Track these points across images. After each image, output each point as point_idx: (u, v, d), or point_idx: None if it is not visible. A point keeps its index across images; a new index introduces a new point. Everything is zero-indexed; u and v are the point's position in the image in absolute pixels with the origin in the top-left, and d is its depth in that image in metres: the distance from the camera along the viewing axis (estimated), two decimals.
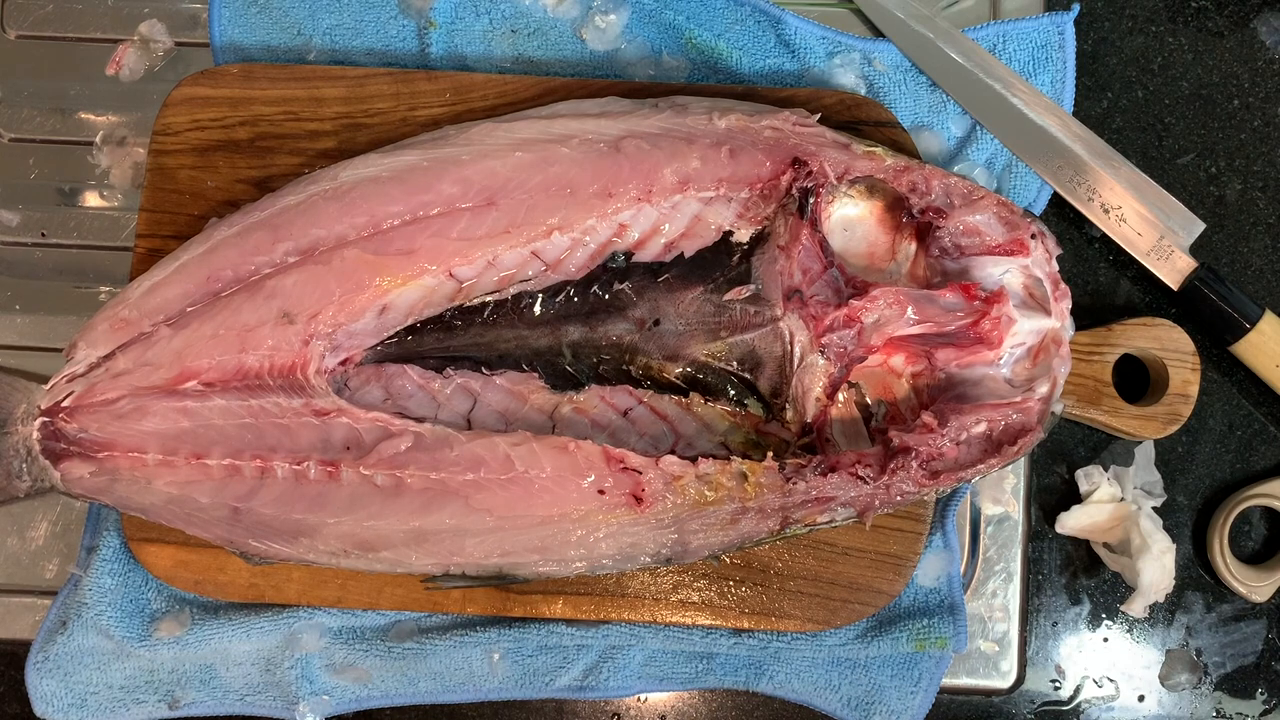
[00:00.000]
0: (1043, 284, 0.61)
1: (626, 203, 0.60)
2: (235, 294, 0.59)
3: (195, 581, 0.63)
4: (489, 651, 0.65)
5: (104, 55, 0.72)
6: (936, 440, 0.58)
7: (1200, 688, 0.68)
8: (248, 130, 0.66)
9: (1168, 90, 0.72)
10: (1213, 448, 0.69)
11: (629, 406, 0.61)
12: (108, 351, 0.59)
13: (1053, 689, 0.68)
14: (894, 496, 0.59)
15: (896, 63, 0.70)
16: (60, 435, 0.59)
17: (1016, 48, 0.69)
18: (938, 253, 0.62)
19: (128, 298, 0.60)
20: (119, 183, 0.71)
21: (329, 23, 0.70)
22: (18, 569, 0.68)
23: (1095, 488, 0.67)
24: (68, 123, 0.72)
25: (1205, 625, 0.68)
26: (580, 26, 0.70)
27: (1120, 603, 0.67)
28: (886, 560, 0.63)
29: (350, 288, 0.59)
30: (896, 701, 0.65)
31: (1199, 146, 0.72)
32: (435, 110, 0.66)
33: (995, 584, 0.68)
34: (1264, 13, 0.73)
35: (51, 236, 0.71)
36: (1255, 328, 0.66)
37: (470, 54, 0.70)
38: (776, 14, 0.69)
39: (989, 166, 0.69)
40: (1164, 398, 0.66)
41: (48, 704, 0.64)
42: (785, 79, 0.70)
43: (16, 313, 0.70)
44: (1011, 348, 0.61)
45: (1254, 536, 0.69)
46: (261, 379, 0.59)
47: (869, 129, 0.65)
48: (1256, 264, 0.71)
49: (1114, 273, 0.70)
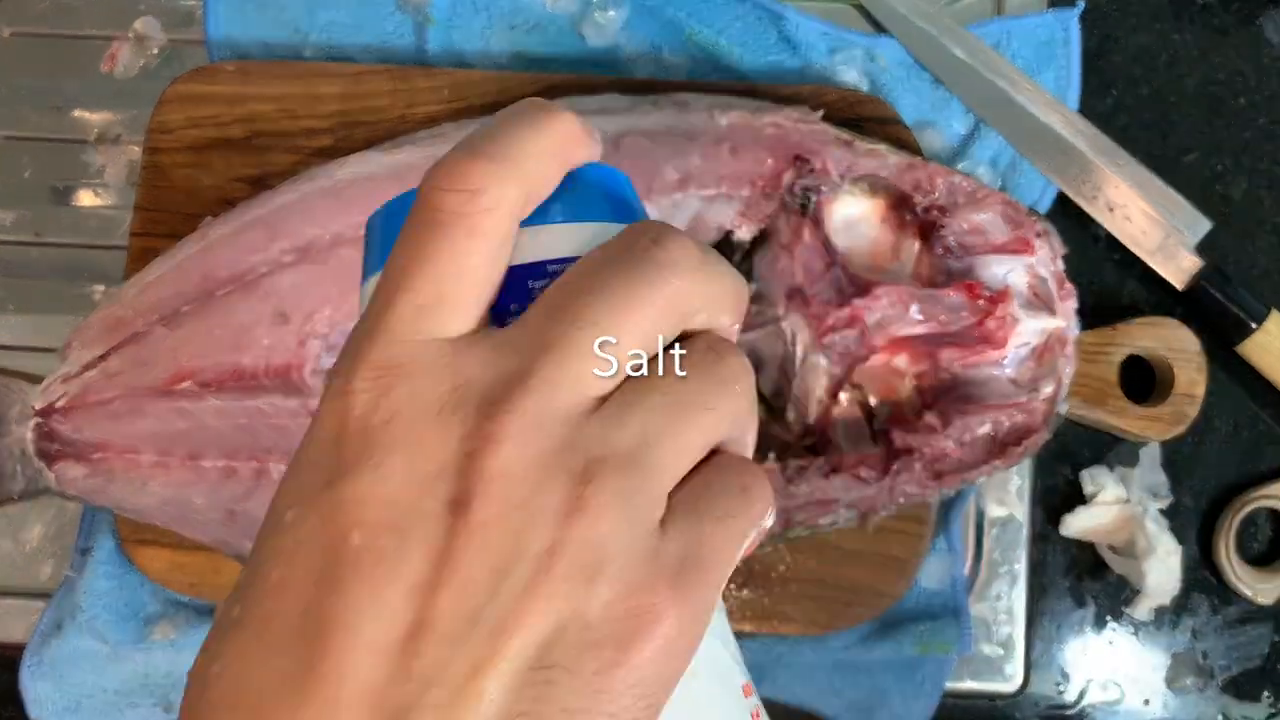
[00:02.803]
0: (1048, 283, 0.60)
1: None
2: (231, 293, 0.59)
3: (191, 584, 0.63)
4: None
5: (98, 52, 0.71)
6: (940, 441, 0.58)
7: (1206, 691, 0.67)
8: (243, 128, 0.65)
9: (1173, 88, 0.72)
10: (1219, 449, 0.69)
11: None
12: (102, 351, 0.59)
13: (1058, 692, 0.67)
14: (897, 498, 0.58)
15: (899, 59, 0.69)
16: (55, 436, 0.58)
17: (1021, 44, 0.69)
18: (942, 251, 0.61)
19: (122, 297, 0.60)
20: (114, 181, 0.70)
21: (325, 19, 0.69)
22: (12, 571, 0.68)
23: (1100, 489, 0.66)
24: (62, 121, 0.71)
25: (1211, 628, 0.68)
26: (579, 23, 0.69)
27: (1125, 605, 0.67)
28: (889, 563, 0.62)
29: (347, 287, 0.59)
30: (900, 705, 0.64)
31: (1205, 144, 0.71)
32: (433, 107, 0.65)
33: (999, 587, 0.67)
34: (1271, 10, 0.72)
35: (45, 235, 0.70)
36: (1262, 327, 0.65)
37: (468, 50, 0.70)
38: (778, 10, 0.68)
39: (993, 164, 0.68)
40: (1170, 398, 0.65)
41: (42, 707, 0.63)
42: (787, 76, 0.69)
43: (10, 312, 0.70)
44: (1016, 348, 0.60)
45: (1260, 539, 0.69)
46: (257, 379, 0.59)
47: (872, 126, 0.65)
48: (1263, 263, 0.70)
49: (1119, 272, 0.70)
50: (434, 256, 0.25)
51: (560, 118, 0.28)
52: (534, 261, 0.27)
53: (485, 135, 0.28)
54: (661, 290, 0.26)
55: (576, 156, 0.29)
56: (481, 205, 0.26)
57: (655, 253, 0.26)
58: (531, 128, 0.28)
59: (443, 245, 0.25)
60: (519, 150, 0.27)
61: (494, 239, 0.26)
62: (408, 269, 0.26)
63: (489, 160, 0.26)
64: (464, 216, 0.26)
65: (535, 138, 0.28)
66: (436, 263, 0.25)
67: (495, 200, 0.26)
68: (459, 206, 0.26)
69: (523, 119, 0.28)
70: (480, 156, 0.26)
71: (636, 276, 0.25)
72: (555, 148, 0.28)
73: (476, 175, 0.26)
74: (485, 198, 0.26)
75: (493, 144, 0.27)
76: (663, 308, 0.26)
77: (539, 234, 0.28)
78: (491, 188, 0.26)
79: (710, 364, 0.26)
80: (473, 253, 0.26)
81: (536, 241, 0.28)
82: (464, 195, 0.26)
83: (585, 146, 0.29)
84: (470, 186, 0.26)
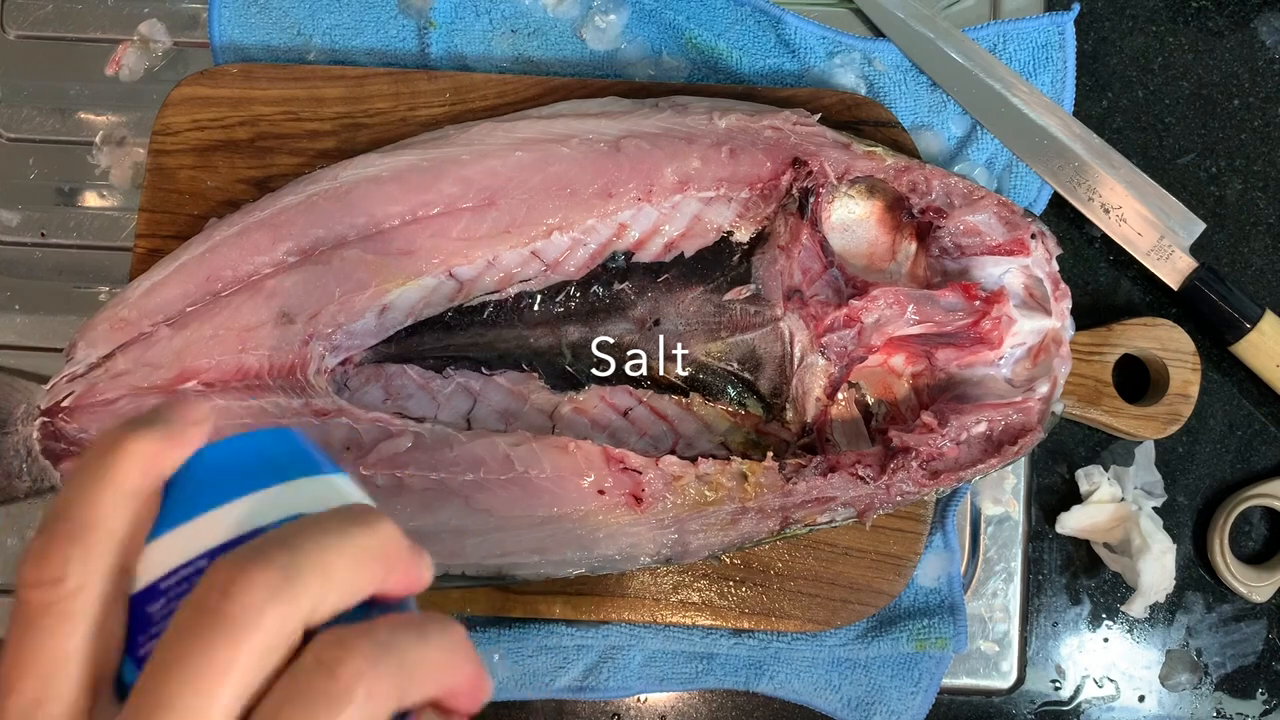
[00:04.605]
0: (1043, 284, 0.61)
1: (627, 203, 0.60)
2: (235, 294, 0.59)
3: None
4: (489, 652, 0.65)
5: (104, 55, 0.72)
6: (937, 440, 0.58)
7: (1200, 688, 0.68)
8: (248, 130, 0.66)
9: (1168, 90, 0.72)
10: (1213, 448, 0.69)
11: (629, 406, 0.61)
12: (107, 352, 0.59)
13: (1053, 689, 0.68)
14: (894, 496, 0.59)
15: (897, 63, 0.70)
16: (60, 435, 0.59)
17: (1017, 48, 0.69)
18: (938, 252, 0.62)
19: (127, 298, 0.60)
20: (119, 183, 0.71)
21: (329, 22, 0.70)
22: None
23: (1095, 488, 0.67)
24: (67, 123, 0.72)
25: (1205, 625, 0.68)
26: (580, 26, 0.70)
27: (1121, 603, 0.67)
28: (887, 560, 0.63)
29: (350, 288, 0.59)
30: (897, 702, 0.65)
31: (1199, 146, 0.72)
32: (435, 110, 0.66)
33: (995, 584, 0.67)
34: (1264, 12, 0.73)
35: (51, 236, 0.71)
36: (1256, 328, 0.66)
37: (470, 54, 0.70)
38: (777, 14, 0.69)
39: (989, 166, 0.69)
40: (1164, 398, 0.66)
41: None
42: (785, 79, 0.70)
43: (16, 313, 0.70)
44: (1012, 348, 0.61)
45: (1254, 537, 0.69)
46: (261, 379, 0.59)
47: (869, 129, 0.65)
48: (1257, 264, 0.71)
49: (1114, 273, 0.70)
50: (34, 654, 0.26)
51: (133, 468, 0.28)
52: (147, 585, 0.28)
53: (59, 516, 0.27)
54: (241, 643, 0.25)
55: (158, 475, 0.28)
56: (68, 590, 0.26)
57: (222, 605, 0.25)
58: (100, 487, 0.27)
59: (38, 639, 0.26)
60: (93, 515, 0.27)
61: (90, 614, 0.26)
62: (10, 670, 0.26)
63: (68, 542, 0.27)
64: (52, 605, 0.26)
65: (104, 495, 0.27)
66: (37, 660, 0.26)
67: (81, 578, 0.26)
68: (46, 598, 0.26)
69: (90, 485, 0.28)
70: (59, 539, 0.27)
71: (209, 641, 0.25)
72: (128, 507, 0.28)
73: (57, 562, 0.26)
74: (70, 581, 0.26)
75: (66, 522, 0.27)
76: (247, 659, 0.25)
77: (151, 551, 0.28)
78: (73, 570, 0.26)
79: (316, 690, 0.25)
80: (71, 635, 0.26)
81: (150, 560, 0.28)
82: (47, 587, 0.26)
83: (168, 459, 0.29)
84: (52, 576, 0.26)
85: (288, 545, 0.26)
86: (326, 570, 0.26)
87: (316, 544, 0.26)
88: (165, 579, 0.27)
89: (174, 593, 0.27)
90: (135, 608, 0.27)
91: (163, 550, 0.28)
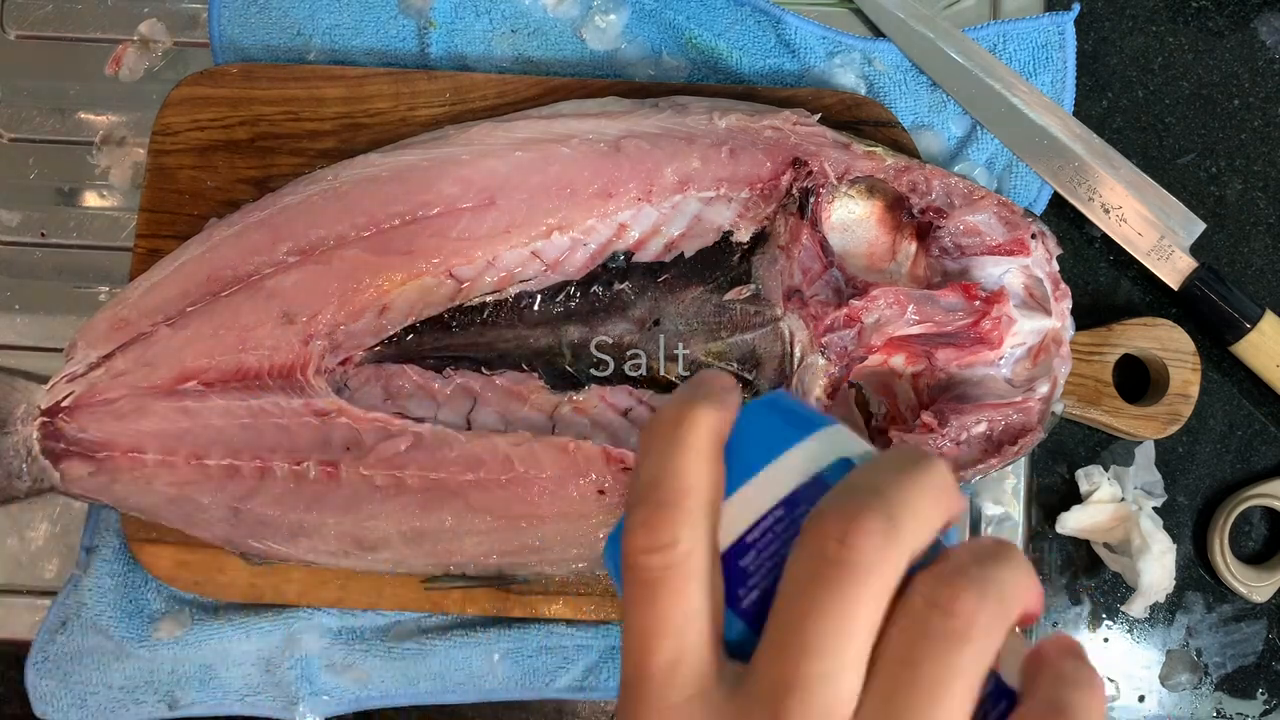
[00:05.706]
0: (1043, 284, 0.61)
1: (626, 203, 0.60)
2: (235, 294, 0.59)
3: (195, 582, 0.63)
4: (489, 652, 0.65)
5: (103, 55, 0.72)
6: (937, 440, 0.58)
7: (1200, 688, 0.68)
8: (248, 130, 0.66)
9: (1168, 90, 0.72)
10: (1213, 448, 0.69)
11: (629, 406, 0.61)
12: (107, 351, 0.59)
13: None
14: None
15: (897, 63, 0.70)
16: (60, 435, 0.59)
17: (1017, 48, 0.69)
18: (938, 252, 0.62)
19: (127, 298, 0.60)
20: (119, 183, 0.71)
21: (329, 22, 0.70)
22: (17, 569, 0.68)
23: (1095, 488, 0.67)
24: (67, 123, 0.72)
25: (1206, 625, 0.68)
26: (580, 26, 0.70)
27: (1121, 603, 0.67)
28: None
29: (350, 288, 0.59)
30: None
31: (1199, 146, 0.72)
32: (435, 110, 0.66)
33: None
34: (1264, 12, 0.73)
35: (51, 236, 0.71)
36: (1256, 327, 0.66)
37: (470, 54, 0.70)
38: (777, 14, 0.69)
39: (989, 166, 0.69)
40: (1164, 398, 0.66)
41: (47, 704, 0.64)
42: (785, 79, 0.70)
43: (16, 313, 0.70)
44: (1012, 348, 0.61)
45: (1254, 537, 0.69)
46: (261, 379, 0.59)
47: (869, 129, 0.65)
48: (1257, 264, 0.71)
49: (1114, 273, 0.70)
50: (666, 615, 0.28)
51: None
52: (736, 540, 0.29)
53: (653, 486, 0.29)
54: (866, 589, 0.27)
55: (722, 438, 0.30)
56: (683, 552, 0.28)
57: (845, 555, 0.27)
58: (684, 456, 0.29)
59: (668, 601, 0.28)
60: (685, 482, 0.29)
61: (704, 573, 0.28)
62: (647, 632, 0.28)
63: (673, 509, 0.29)
64: (671, 568, 0.28)
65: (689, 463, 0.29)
66: (671, 619, 0.28)
67: (690, 541, 0.28)
68: (665, 561, 0.28)
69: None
70: (663, 507, 0.29)
71: (839, 590, 0.27)
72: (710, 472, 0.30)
73: (667, 529, 0.28)
74: (682, 545, 0.28)
75: (663, 490, 0.29)
76: (873, 604, 0.27)
77: (729, 508, 0.30)
78: (683, 534, 0.28)
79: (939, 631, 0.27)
80: (695, 594, 0.28)
81: (729, 517, 0.29)
82: (665, 551, 0.28)
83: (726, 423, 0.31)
84: (667, 541, 0.28)
85: (878, 492, 0.27)
86: (917, 512, 0.28)
87: (901, 488, 0.28)
88: (749, 532, 0.29)
89: (760, 544, 0.29)
90: (727, 562, 0.29)
91: (739, 506, 0.29)
